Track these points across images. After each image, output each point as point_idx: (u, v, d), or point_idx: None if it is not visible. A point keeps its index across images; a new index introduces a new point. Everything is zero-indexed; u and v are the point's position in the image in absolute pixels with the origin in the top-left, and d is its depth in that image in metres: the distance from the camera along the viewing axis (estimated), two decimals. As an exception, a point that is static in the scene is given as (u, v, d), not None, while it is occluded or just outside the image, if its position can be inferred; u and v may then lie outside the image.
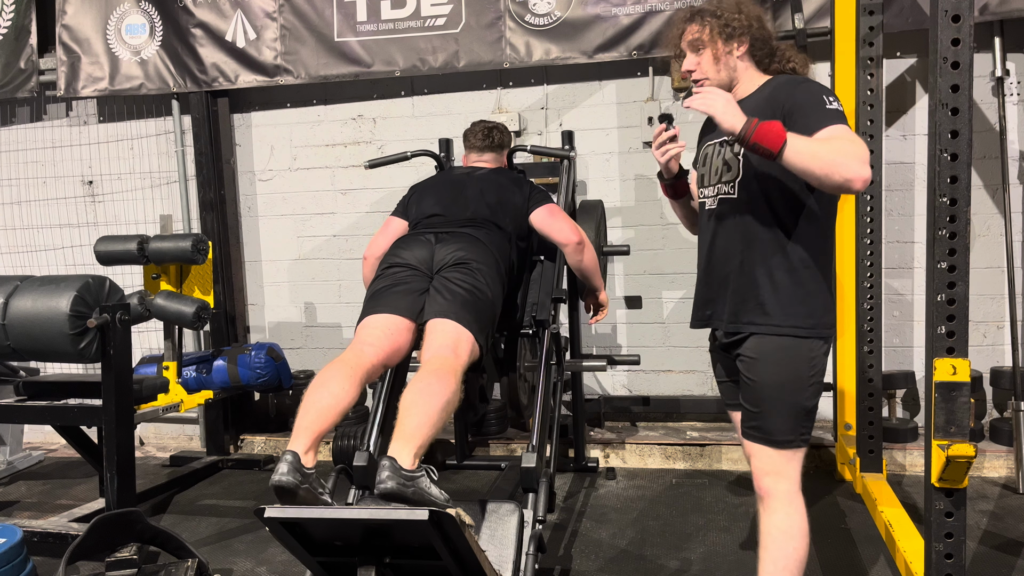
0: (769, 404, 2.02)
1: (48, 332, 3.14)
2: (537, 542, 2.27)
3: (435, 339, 2.41)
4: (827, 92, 1.95)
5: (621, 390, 4.54)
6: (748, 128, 1.85)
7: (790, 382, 2.01)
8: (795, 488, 2.04)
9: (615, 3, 4.13)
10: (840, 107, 1.92)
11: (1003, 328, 4.00)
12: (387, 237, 2.95)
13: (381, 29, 4.42)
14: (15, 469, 4.45)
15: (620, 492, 3.75)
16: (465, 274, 2.57)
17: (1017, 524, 3.16)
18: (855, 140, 1.85)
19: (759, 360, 2.03)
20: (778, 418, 2.01)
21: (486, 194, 2.94)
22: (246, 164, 4.89)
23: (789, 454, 2.03)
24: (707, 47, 2.07)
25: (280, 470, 2.02)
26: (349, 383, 2.26)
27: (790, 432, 2.02)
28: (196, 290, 3.90)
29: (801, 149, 1.82)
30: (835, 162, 1.79)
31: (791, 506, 2.03)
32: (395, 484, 1.96)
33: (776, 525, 2.03)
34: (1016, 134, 3.93)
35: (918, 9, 3.77)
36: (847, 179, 1.80)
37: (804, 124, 1.88)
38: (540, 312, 3.00)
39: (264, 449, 4.63)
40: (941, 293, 1.98)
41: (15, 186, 5.15)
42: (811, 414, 2.05)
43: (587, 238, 3.02)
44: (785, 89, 1.98)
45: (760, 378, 2.02)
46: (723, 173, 2.09)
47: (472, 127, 3.30)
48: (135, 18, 4.71)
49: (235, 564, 3.08)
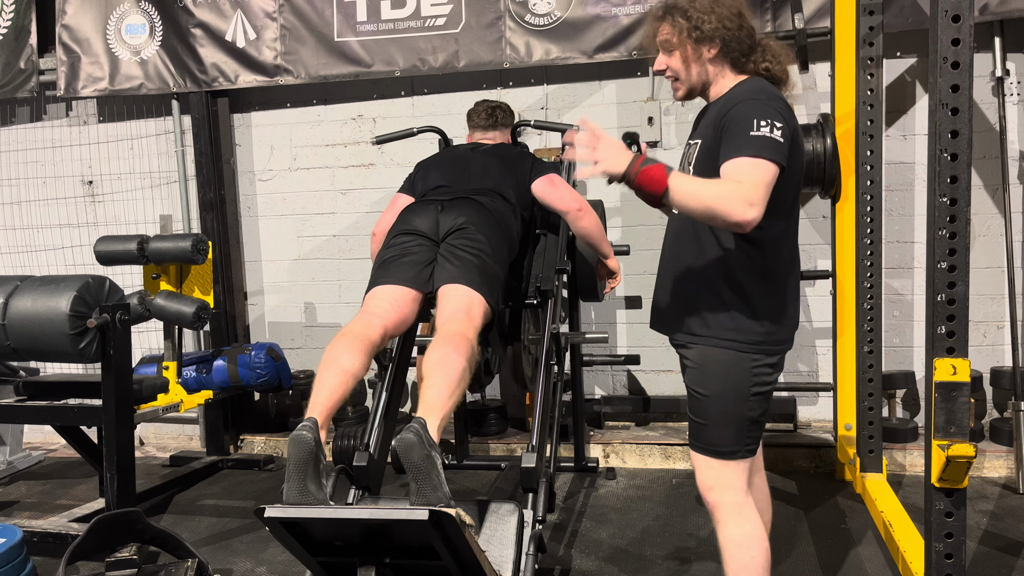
0: (712, 415, 2.00)
1: (48, 332, 3.14)
2: (537, 542, 2.27)
3: (448, 303, 2.48)
4: (765, 114, 1.85)
5: (621, 390, 4.54)
6: (631, 172, 1.80)
7: (731, 393, 1.98)
8: (742, 497, 2.02)
9: (615, 3, 4.13)
10: (771, 132, 1.82)
11: (1003, 328, 4.00)
12: (394, 213, 2.99)
13: (381, 29, 4.42)
14: (15, 469, 4.45)
15: (620, 492, 3.75)
16: (471, 240, 2.63)
17: (1017, 524, 3.16)
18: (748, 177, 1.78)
19: (700, 370, 2.01)
20: (722, 429, 1.99)
21: (490, 167, 2.99)
22: (246, 164, 4.89)
23: (734, 465, 2.01)
24: (677, 49, 2.02)
25: (304, 425, 2.05)
26: (357, 355, 2.32)
27: (734, 443, 2.00)
28: (196, 290, 3.90)
29: (684, 192, 1.78)
30: (714, 206, 1.75)
31: (740, 516, 2.01)
32: (414, 435, 1.96)
33: (729, 538, 2.01)
34: (1016, 134, 3.93)
35: (918, 9, 3.77)
36: (728, 223, 1.77)
37: (724, 149, 1.86)
38: (543, 283, 3.04)
39: (264, 449, 4.63)
40: (941, 293, 1.98)
41: (15, 186, 5.15)
42: (757, 424, 2.02)
43: (589, 205, 3.06)
44: (730, 104, 1.92)
45: (702, 389, 2.01)
46: None
47: (476, 106, 3.37)
48: (135, 18, 4.71)
49: (235, 564, 3.08)
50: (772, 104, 1.90)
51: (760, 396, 2.00)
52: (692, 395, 2.04)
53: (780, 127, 1.84)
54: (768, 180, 1.80)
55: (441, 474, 2.02)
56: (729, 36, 1.98)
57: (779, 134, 1.83)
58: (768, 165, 1.81)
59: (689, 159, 2.04)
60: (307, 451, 2.03)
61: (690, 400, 2.07)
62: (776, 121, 1.84)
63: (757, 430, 2.04)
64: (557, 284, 3.09)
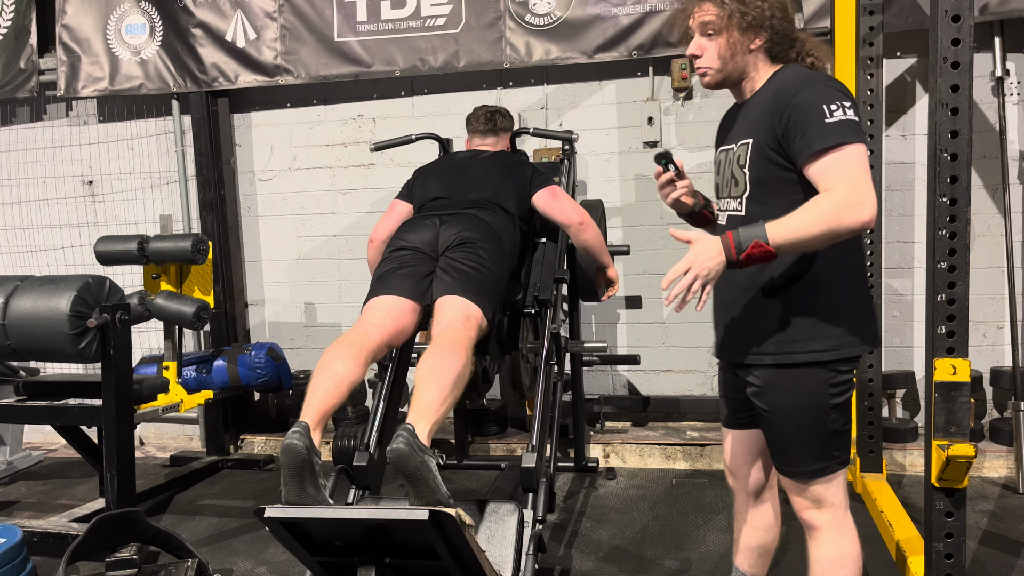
0: (790, 436, 1.85)
1: (48, 332, 3.14)
2: (537, 542, 2.27)
3: (445, 314, 2.48)
4: (831, 96, 1.72)
5: (621, 390, 4.54)
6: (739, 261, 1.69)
7: (809, 408, 1.82)
8: (841, 513, 1.89)
9: (615, 3, 4.13)
10: (844, 114, 1.70)
11: (1003, 328, 4.00)
12: (392, 220, 3.01)
13: (381, 29, 4.42)
14: (15, 469, 4.45)
15: (620, 492, 3.74)
16: (470, 253, 2.64)
17: (1017, 524, 3.16)
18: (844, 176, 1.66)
19: (770, 390, 1.85)
20: (803, 448, 1.84)
21: (489, 176, 2.99)
22: (246, 164, 4.89)
23: (824, 481, 1.86)
24: (721, 34, 1.83)
25: (294, 430, 2.05)
26: (354, 362, 2.31)
27: (819, 460, 1.84)
28: (196, 290, 3.90)
29: (794, 238, 1.66)
30: (830, 229, 1.64)
31: (839, 533, 1.89)
32: (405, 445, 1.95)
33: (824, 555, 1.90)
34: (1016, 134, 3.93)
35: (918, 9, 3.77)
36: (854, 229, 1.65)
37: (800, 145, 1.72)
38: (542, 292, 3.04)
39: (264, 449, 4.63)
40: (941, 293, 1.98)
41: (15, 186, 5.15)
42: (842, 435, 1.85)
43: (590, 219, 3.07)
44: (787, 94, 1.77)
45: (775, 408, 1.85)
46: (731, 187, 1.91)
47: (475, 111, 3.37)
48: (135, 18, 4.71)
49: (235, 564, 3.08)
50: (832, 84, 1.78)
51: (841, 407, 1.84)
52: (764, 416, 1.89)
53: (849, 105, 1.72)
54: (864, 165, 1.69)
55: (437, 476, 2.02)
56: (779, 26, 1.84)
57: (852, 112, 1.72)
58: (857, 149, 1.69)
59: (740, 162, 1.87)
60: (299, 459, 2.03)
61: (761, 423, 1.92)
62: (844, 101, 1.72)
63: (843, 440, 1.86)
64: (556, 293, 3.08)
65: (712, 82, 1.91)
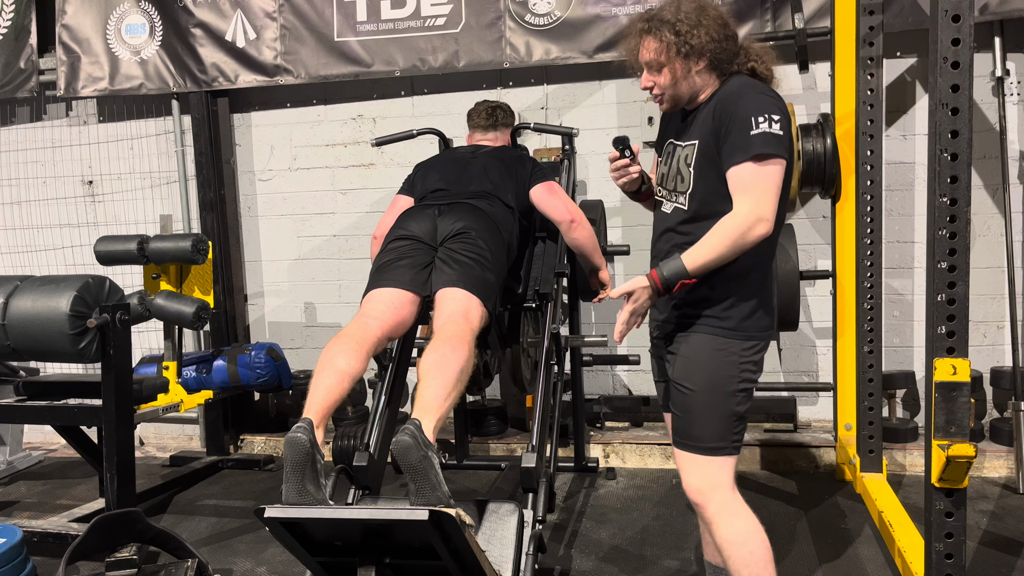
0: (698, 408, 1.99)
1: (48, 332, 3.14)
2: (537, 542, 2.27)
3: (446, 307, 2.47)
4: (761, 109, 1.87)
5: (621, 390, 4.54)
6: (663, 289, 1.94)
7: (719, 384, 1.98)
8: (731, 494, 2.00)
9: (615, 3, 4.13)
10: (770, 127, 1.85)
11: (1003, 328, 4.00)
12: (394, 215, 2.98)
13: (381, 29, 4.42)
14: (15, 469, 4.45)
15: (620, 492, 3.75)
16: (469, 243, 2.62)
17: (1017, 524, 3.16)
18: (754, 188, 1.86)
19: (689, 360, 2.01)
20: (708, 424, 1.98)
21: (489, 170, 2.99)
22: (246, 164, 4.89)
23: (720, 461, 1.99)
24: (665, 67, 1.97)
25: (299, 426, 2.05)
26: (355, 357, 2.31)
27: (720, 439, 1.99)
28: (196, 290, 3.90)
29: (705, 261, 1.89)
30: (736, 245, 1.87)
31: (730, 513, 1.99)
32: (410, 437, 1.95)
33: (724, 537, 1.99)
34: (1016, 134, 3.93)
35: (918, 9, 3.77)
36: (751, 242, 1.88)
37: (726, 151, 1.90)
38: (543, 286, 3.03)
39: (264, 449, 4.63)
40: (941, 293, 1.98)
41: (15, 186, 5.15)
42: (741, 420, 2.02)
43: (584, 217, 3.05)
44: (727, 102, 1.92)
45: (689, 380, 2.01)
46: (677, 182, 2.06)
47: (476, 107, 3.36)
48: (135, 18, 4.71)
49: (235, 564, 3.08)
50: (766, 96, 1.92)
51: (746, 391, 2.00)
52: (679, 390, 2.04)
53: (778, 119, 1.87)
54: (776, 180, 1.88)
55: (439, 474, 2.01)
56: (717, 48, 1.96)
57: (778, 127, 1.86)
58: (773, 164, 1.87)
59: (687, 161, 2.02)
60: (303, 453, 2.02)
61: (673, 395, 2.07)
62: (773, 114, 1.87)
63: (741, 426, 2.02)
64: (556, 287, 3.09)
65: (668, 107, 2.08)
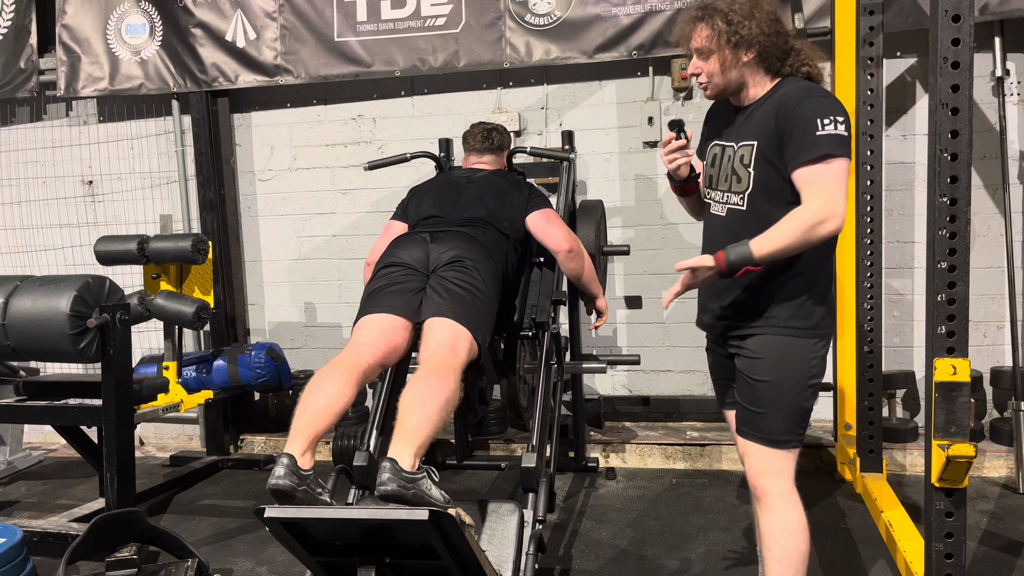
0: (769, 403, 2.04)
1: (48, 332, 3.13)
2: (537, 542, 2.27)
3: (433, 338, 2.41)
4: (826, 111, 1.91)
5: (621, 390, 4.54)
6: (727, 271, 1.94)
7: (790, 381, 2.03)
8: (790, 486, 2.07)
9: (615, 3, 4.13)
10: (835, 128, 1.89)
11: (1003, 328, 4.00)
12: (387, 241, 2.92)
13: (381, 29, 4.42)
14: (15, 469, 4.45)
15: (620, 492, 3.75)
16: (461, 272, 2.56)
17: (1017, 524, 3.16)
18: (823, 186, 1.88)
19: (760, 359, 2.05)
20: (777, 418, 2.04)
21: (484, 196, 2.93)
22: (246, 164, 4.89)
23: (785, 454, 2.06)
24: (714, 54, 2.02)
25: (277, 473, 2.02)
26: (345, 384, 2.25)
27: (787, 432, 2.05)
28: (196, 290, 3.90)
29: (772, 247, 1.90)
30: (806, 238, 1.89)
31: (787, 504, 2.06)
32: (396, 486, 1.95)
33: (776, 524, 2.06)
34: (1016, 134, 3.93)
35: (918, 9, 3.77)
36: (824, 238, 1.90)
37: (792, 151, 1.93)
38: (539, 314, 2.98)
39: (264, 449, 4.63)
40: (941, 293, 1.98)
41: (15, 186, 5.15)
42: (807, 415, 2.08)
43: (581, 247, 3.00)
44: (789, 105, 1.96)
45: (760, 377, 2.04)
46: (733, 182, 2.08)
47: (471, 129, 3.29)
48: (135, 18, 4.71)
49: (235, 564, 3.08)
50: (828, 99, 1.97)
51: (814, 386, 2.06)
52: (749, 383, 2.07)
53: (843, 121, 1.91)
54: (844, 178, 1.91)
55: (434, 490, 2.03)
56: (767, 42, 2.00)
57: (843, 128, 1.91)
58: (840, 163, 1.90)
59: (744, 162, 2.04)
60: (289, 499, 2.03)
61: (741, 388, 2.11)
62: (838, 116, 1.91)
63: (806, 421, 2.08)
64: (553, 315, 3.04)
65: (712, 95, 2.13)
